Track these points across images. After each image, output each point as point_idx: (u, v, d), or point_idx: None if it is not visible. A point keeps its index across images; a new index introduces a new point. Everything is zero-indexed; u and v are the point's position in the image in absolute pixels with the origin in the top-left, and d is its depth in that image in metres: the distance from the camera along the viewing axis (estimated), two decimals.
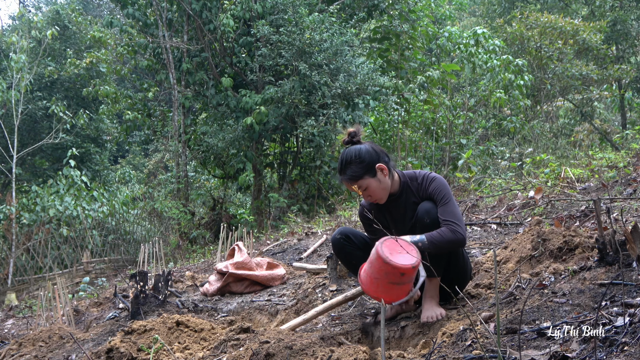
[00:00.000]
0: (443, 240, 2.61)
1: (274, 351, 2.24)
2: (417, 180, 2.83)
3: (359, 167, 2.75)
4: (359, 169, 2.75)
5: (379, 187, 2.78)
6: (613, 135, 13.09)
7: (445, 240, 2.61)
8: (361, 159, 2.76)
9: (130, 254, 11.01)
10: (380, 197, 2.81)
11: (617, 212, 4.01)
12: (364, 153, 2.77)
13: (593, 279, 2.48)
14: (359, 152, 2.77)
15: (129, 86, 15.55)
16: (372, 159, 2.76)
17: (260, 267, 4.63)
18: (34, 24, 12.34)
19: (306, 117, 9.98)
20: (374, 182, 2.76)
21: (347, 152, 2.80)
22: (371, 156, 2.77)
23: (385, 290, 2.58)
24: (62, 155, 14.58)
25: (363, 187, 2.77)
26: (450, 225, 2.63)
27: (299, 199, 10.97)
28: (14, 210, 9.67)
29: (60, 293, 4.57)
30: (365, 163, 2.75)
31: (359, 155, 2.76)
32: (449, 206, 2.68)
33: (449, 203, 2.70)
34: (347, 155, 2.78)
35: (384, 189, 2.79)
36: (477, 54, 11.38)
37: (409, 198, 2.83)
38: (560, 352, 1.82)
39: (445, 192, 2.72)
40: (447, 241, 2.61)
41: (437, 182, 2.77)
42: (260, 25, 10.14)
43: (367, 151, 2.78)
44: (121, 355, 2.67)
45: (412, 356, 2.24)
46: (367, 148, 2.80)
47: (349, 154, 2.78)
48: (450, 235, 2.61)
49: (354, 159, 2.76)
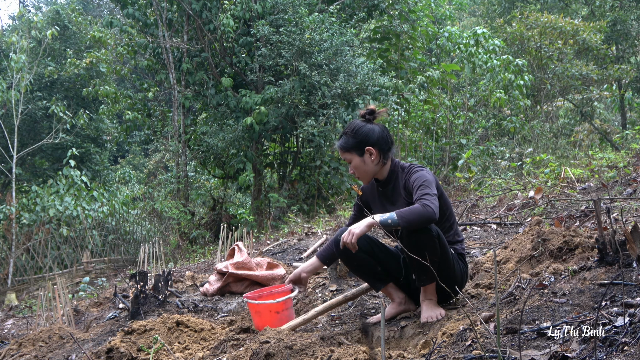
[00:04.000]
0: (412, 214, 2.56)
1: (274, 351, 2.24)
2: (404, 170, 2.88)
3: (351, 140, 2.84)
4: (350, 142, 2.84)
5: (362, 167, 2.86)
6: (613, 135, 13.10)
7: (414, 214, 2.55)
8: (356, 134, 2.84)
9: (130, 254, 11.01)
10: (362, 176, 2.91)
11: (617, 212, 4.01)
12: (362, 130, 2.85)
13: (593, 279, 2.48)
14: (358, 128, 2.85)
15: (129, 86, 15.55)
16: (365, 139, 2.83)
17: (260, 267, 4.63)
18: (34, 24, 12.33)
19: (306, 117, 9.98)
20: (359, 160, 2.85)
21: (351, 124, 2.90)
22: (367, 137, 2.84)
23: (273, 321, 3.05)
24: (62, 155, 14.58)
25: (348, 159, 2.88)
26: (422, 200, 2.60)
27: (299, 199, 10.97)
28: (14, 210, 9.67)
29: (60, 293, 4.57)
30: (357, 140, 2.83)
31: (355, 131, 2.85)
32: (425, 188, 2.66)
33: (424, 186, 2.68)
34: (350, 126, 2.89)
35: (366, 171, 2.87)
36: (477, 54, 11.38)
37: (395, 186, 2.88)
38: (560, 352, 1.82)
39: (424, 179, 2.71)
40: (416, 215, 2.55)
41: (419, 172, 2.77)
42: (260, 25, 10.14)
43: (367, 130, 2.85)
44: (121, 355, 2.67)
45: (412, 356, 2.24)
46: (370, 128, 2.86)
47: (351, 125, 2.89)
48: (419, 209, 2.56)
49: (350, 132, 2.86)
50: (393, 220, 2.56)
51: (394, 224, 2.56)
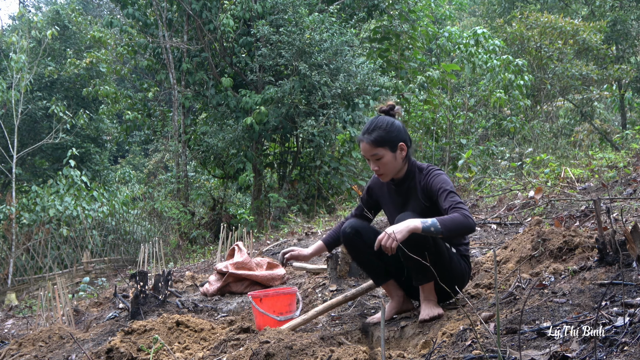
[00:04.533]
0: (454, 223, 2.54)
1: (274, 351, 2.24)
2: (422, 171, 2.84)
3: (387, 134, 2.77)
4: (386, 136, 2.77)
5: (392, 163, 2.79)
6: (613, 135, 13.09)
7: (457, 223, 2.54)
8: (391, 129, 2.79)
9: (130, 254, 11.01)
10: (387, 173, 2.83)
11: (617, 212, 4.01)
12: (397, 126, 2.82)
13: (593, 279, 2.48)
14: (392, 123, 2.81)
15: (129, 86, 15.55)
16: (400, 135, 2.80)
17: (260, 267, 4.63)
18: (34, 24, 12.34)
19: (306, 117, 9.98)
20: (390, 156, 2.78)
21: (381, 119, 2.83)
22: (400, 132, 2.81)
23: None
24: (62, 155, 14.57)
25: (379, 155, 2.77)
26: (459, 210, 2.58)
27: (299, 199, 10.97)
28: (14, 210, 9.67)
29: (60, 293, 4.57)
30: (393, 134, 2.78)
31: (391, 125, 2.80)
32: (454, 196, 2.66)
33: (453, 193, 2.67)
34: (381, 120, 2.82)
35: (394, 167, 2.81)
36: (477, 54, 11.37)
37: (411, 186, 2.84)
38: (560, 352, 1.82)
39: (449, 184, 2.71)
40: (459, 224, 2.54)
41: (441, 177, 2.76)
42: (260, 25, 10.14)
43: (399, 127, 2.83)
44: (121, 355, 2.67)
45: (412, 356, 2.24)
46: (400, 124, 2.84)
47: (383, 120, 2.82)
48: (462, 219, 2.55)
49: (385, 126, 2.79)
50: (436, 227, 2.52)
51: (436, 232, 2.53)
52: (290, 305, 3.27)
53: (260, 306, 3.23)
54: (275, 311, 3.16)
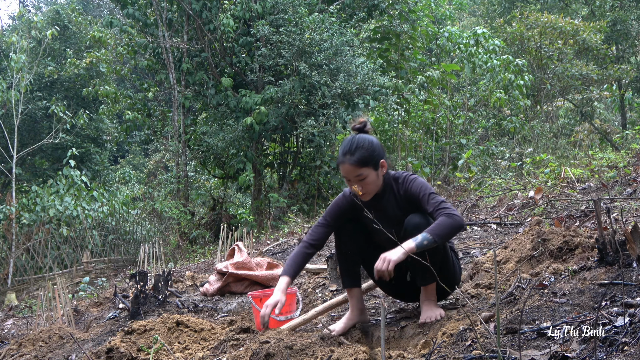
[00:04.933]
0: (444, 228, 2.55)
1: (274, 351, 2.24)
2: (398, 180, 2.81)
3: (369, 154, 2.71)
4: (369, 156, 2.71)
5: (375, 182, 2.75)
6: (613, 135, 13.09)
7: (446, 227, 2.55)
8: (373, 148, 2.73)
9: (130, 254, 11.01)
10: (370, 192, 2.77)
11: (617, 212, 4.01)
12: (376, 144, 2.77)
13: (593, 279, 2.48)
14: (372, 141, 2.75)
15: (129, 86, 15.55)
16: (380, 152, 2.77)
17: (260, 267, 4.63)
18: (34, 24, 12.34)
19: (306, 117, 9.98)
20: (374, 175, 2.74)
21: (360, 138, 2.76)
22: (380, 149, 2.78)
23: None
24: (62, 155, 14.58)
25: (363, 176, 2.71)
26: (443, 211, 2.58)
27: (299, 199, 10.97)
28: (14, 210, 9.67)
29: (60, 293, 4.57)
30: (375, 153, 2.73)
31: (372, 144, 2.74)
32: (435, 197, 2.66)
33: (433, 195, 2.68)
34: (360, 140, 2.74)
35: (377, 185, 2.77)
36: (477, 54, 11.38)
37: (390, 198, 2.82)
38: (560, 352, 1.82)
39: (427, 187, 2.72)
40: (448, 227, 2.55)
41: (418, 181, 2.75)
42: (260, 25, 10.14)
43: (378, 144, 2.79)
44: (121, 355, 2.67)
45: (412, 356, 2.24)
46: (377, 140, 2.80)
47: (362, 139, 2.75)
48: (450, 222, 2.55)
49: (367, 145, 2.73)
50: (428, 240, 2.52)
51: (430, 244, 2.53)
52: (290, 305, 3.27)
53: (260, 306, 3.23)
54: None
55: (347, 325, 2.94)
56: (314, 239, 2.90)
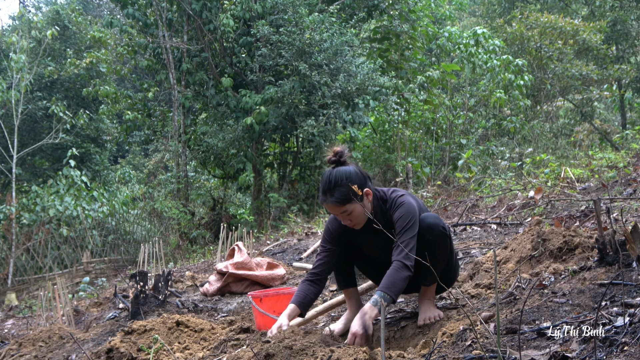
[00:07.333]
0: (396, 283, 2.50)
1: (274, 351, 2.24)
2: (387, 203, 2.74)
3: (349, 190, 2.56)
4: (349, 192, 2.57)
5: (362, 213, 2.63)
6: (613, 135, 13.10)
7: (399, 281, 2.51)
8: (351, 181, 2.58)
9: (130, 254, 11.01)
10: (360, 222, 2.69)
11: (617, 212, 4.01)
12: (354, 176, 2.61)
13: (593, 279, 2.48)
14: (349, 175, 2.60)
15: (129, 86, 15.55)
16: (361, 182, 2.62)
17: (260, 267, 4.63)
18: (34, 24, 12.35)
19: (306, 117, 9.98)
20: (359, 207, 2.61)
21: (337, 173, 2.61)
22: (360, 180, 2.63)
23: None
24: (62, 155, 14.58)
25: (348, 211, 2.61)
26: (400, 255, 2.54)
27: (299, 199, 10.98)
28: (14, 210, 9.67)
29: (60, 293, 4.57)
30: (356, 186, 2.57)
31: (349, 177, 2.59)
32: (405, 235, 2.59)
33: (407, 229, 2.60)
34: (337, 176, 2.60)
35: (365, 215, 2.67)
36: (477, 54, 11.38)
37: (381, 220, 2.71)
38: (560, 352, 1.82)
39: (406, 220, 2.62)
40: (399, 282, 2.51)
41: (403, 208, 2.65)
42: (260, 25, 10.14)
43: (357, 174, 2.64)
44: (121, 355, 2.67)
45: (412, 356, 2.24)
46: (355, 170, 2.64)
47: (339, 175, 2.60)
48: (401, 275, 2.51)
49: (344, 181, 2.58)
50: (385, 299, 2.48)
51: (388, 302, 2.50)
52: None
53: (260, 306, 3.23)
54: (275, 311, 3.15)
55: (346, 325, 2.93)
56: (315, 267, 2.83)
